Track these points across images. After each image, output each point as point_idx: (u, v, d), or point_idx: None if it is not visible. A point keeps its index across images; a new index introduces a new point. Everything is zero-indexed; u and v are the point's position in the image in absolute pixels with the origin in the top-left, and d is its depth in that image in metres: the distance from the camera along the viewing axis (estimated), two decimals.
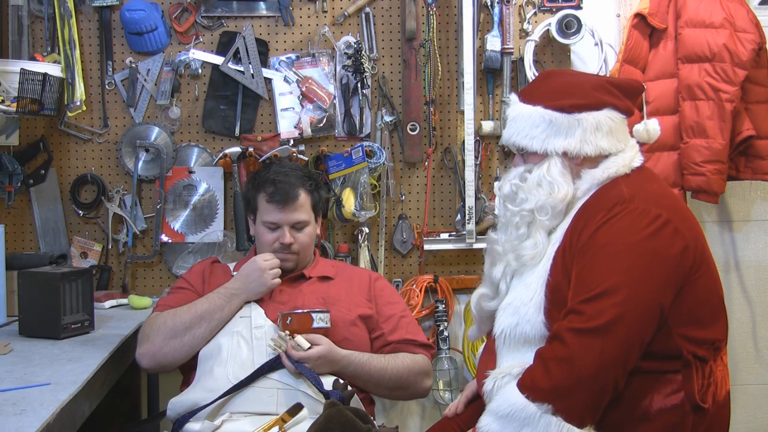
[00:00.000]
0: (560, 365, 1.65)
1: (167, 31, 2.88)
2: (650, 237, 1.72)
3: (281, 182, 2.36)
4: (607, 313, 1.65)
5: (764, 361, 3.20)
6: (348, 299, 2.34)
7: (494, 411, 1.71)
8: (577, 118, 1.86)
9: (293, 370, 2.09)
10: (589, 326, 1.65)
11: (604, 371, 1.65)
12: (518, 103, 1.95)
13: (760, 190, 3.16)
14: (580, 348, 1.65)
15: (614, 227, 1.74)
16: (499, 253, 1.92)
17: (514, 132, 1.92)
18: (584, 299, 1.68)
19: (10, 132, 2.77)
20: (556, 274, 1.80)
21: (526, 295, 1.82)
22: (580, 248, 1.76)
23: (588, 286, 1.69)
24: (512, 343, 1.82)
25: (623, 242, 1.72)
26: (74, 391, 1.84)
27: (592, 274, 1.71)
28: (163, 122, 2.90)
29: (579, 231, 1.78)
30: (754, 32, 2.78)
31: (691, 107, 2.78)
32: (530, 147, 1.89)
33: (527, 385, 1.68)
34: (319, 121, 2.89)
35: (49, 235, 2.88)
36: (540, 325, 1.78)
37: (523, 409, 1.66)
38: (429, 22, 2.86)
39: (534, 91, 1.95)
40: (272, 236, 2.36)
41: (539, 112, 1.88)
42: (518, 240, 1.87)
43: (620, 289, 1.67)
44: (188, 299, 2.31)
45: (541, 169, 1.87)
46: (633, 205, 1.76)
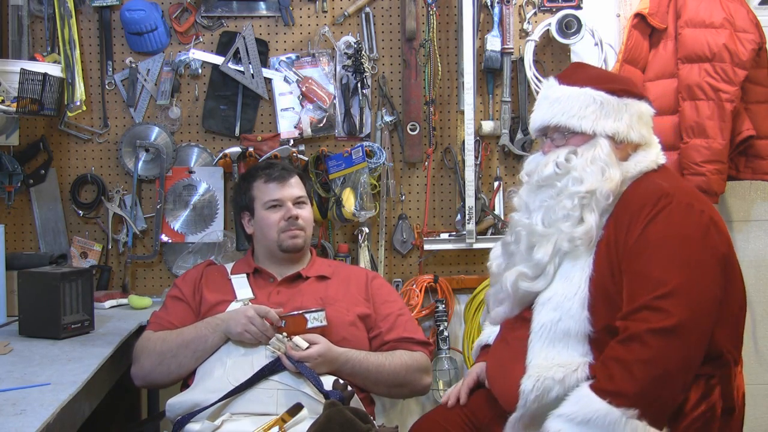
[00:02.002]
0: (645, 368, 1.62)
1: (167, 31, 2.88)
2: (704, 232, 1.73)
3: (276, 164, 2.47)
4: (683, 311, 1.63)
5: (764, 361, 3.20)
6: (346, 299, 2.34)
7: (570, 416, 1.65)
8: (625, 103, 1.88)
9: (294, 370, 2.10)
10: (667, 325, 1.62)
11: (686, 372, 1.65)
12: (559, 86, 1.92)
13: (760, 190, 3.16)
14: (663, 349, 1.62)
15: (667, 221, 1.72)
16: (539, 234, 1.84)
17: (559, 112, 1.88)
18: (656, 297, 1.65)
19: (10, 132, 2.77)
20: (600, 268, 1.77)
21: (569, 289, 1.78)
22: (633, 244, 1.73)
23: (654, 283, 1.66)
24: (551, 338, 1.78)
25: (680, 236, 1.71)
26: (74, 391, 1.84)
27: (656, 270, 1.68)
28: (163, 122, 2.90)
29: (625, 225, 1.76)
30: (754, 32, 2.78)
31: (691, 107, 2.78)
32: (579, 127, 1.86)
33: (609, 391, 1.63)
34: (319, 121, 2.89)
35: (49, 235, 2.88)
36: (584, 321, 1.75)
37: (606, 415, 1.61)
38: (429, 22, 2.86)
39: (575, 75, 1.95)
40: (277, 215, 2.37)
41: (589, 92, 1.87)
42: (570, 222, 1.81)
43: (689, 285, 1.66)
44: (180, 313, 2.33)
45: (593, 150, 1.84)
46: (677, 199, 1.76)
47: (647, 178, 1.84)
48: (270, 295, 2.32)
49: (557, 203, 1.84)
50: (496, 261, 2.03)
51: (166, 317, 2.34)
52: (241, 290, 2.33)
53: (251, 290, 2.33)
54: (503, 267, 1.98)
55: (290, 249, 2.37)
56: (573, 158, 1.85)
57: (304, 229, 2.39)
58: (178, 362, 2.21)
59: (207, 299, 2.33)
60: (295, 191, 2.41)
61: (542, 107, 1.93)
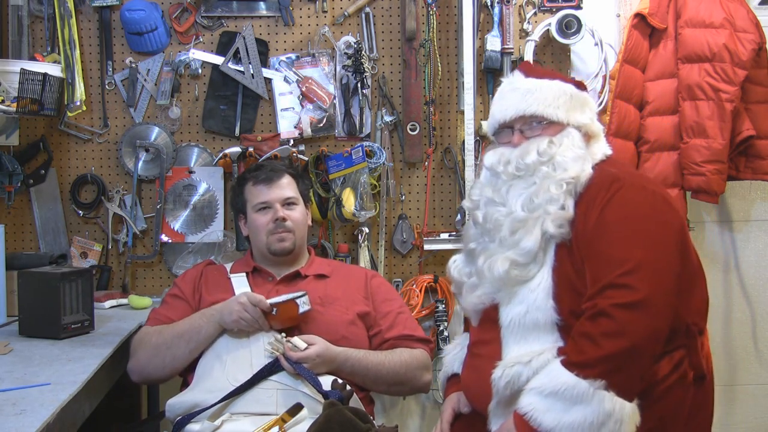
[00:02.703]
0: (613, 340, 1.64)
1: (167, 31, 2.88)
2: (658, 209, 1.78)
3: (265, 166, 2.47)
4: (647, 285, 1.66)
5: (764, 361, 3.20)
6: (345, 298, 2.34)
7: (539, 389, 1.68)
8: (585, 96, 1.96)
9: (293, 371, 2.10)
10: (633, 300, 1.65)
11: (653, 342, 1.67)
12: (528, 79, 1.95)
13: (760, 190, 3.16)
14: (630, 322, 1.64)
15: (622, 203, 1.76)
16: (520, 219, 1.84)
17: (534, 102, 1.90)
18: (620, 274, 1.68)
19: (10, 132, 2.77)
20: (560, 257, 1.80)
21: (533, 281, 1.80)
22: (591, 229, 1.76)
23: (617, 262, 1.69)
24: (520, 331, 1.80)
25: (636, 215, 1.75)
26: (74, 391, 1.84)
27: (617, 249, 1.71)
28: (163, 122, 2.90)
29: (582, 213, 1.79)
30: (754, 32, 2.78)
31: (691, 107, 2.78)
32: (555, 116, 1.89)
33: (576, 362, 1.66)
34: (319, 121, 2.89)
35: (49, 235, 2.88)
36: (550, 311, 1.77)
37: (574, 386, 1.64)
38: (429, 22, 2.86)
39: (535, 70, 1.99)
40: (265, 218, 2.37)
41: (560, 85, 1.93)
42: (556, 207, 1.81)
43: (651, 260, 1.69)
44: (179, 310, 2.33)
45: (570, 138, 1.87)
46: (628, 181, 1.81)
47: (599, 168, 1.88)
48: (269, 293, 2.32)
49: (540, 189, 1.84)
50: (461, 272, 2.01)
51: (164, 313, 2.34)
52: (240, 289, 2.33)
53: (250, 289, 2.33)
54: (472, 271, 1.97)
55: (278, 252, 2.37)
56: (553, 146, 1.87)
57: (292, 231, 2.37)
58: (173, 354, 2.21)
59: (206, 298, 2.33)
60: (284, 192, 2.39)
61: (513, 98, 1.93)
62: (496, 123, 1.98)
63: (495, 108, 1.98)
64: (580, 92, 1.95)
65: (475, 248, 1.95)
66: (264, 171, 2.42)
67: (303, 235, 2.43)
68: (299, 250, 2.42)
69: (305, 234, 2.46)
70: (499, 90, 2.02)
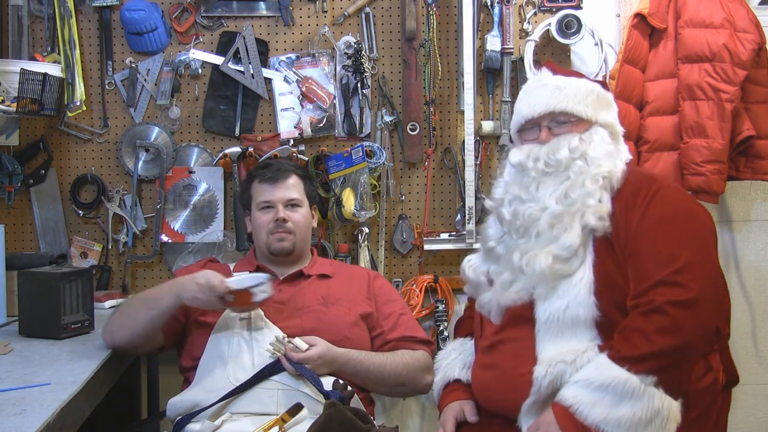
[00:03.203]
0: (666, 336, 1.63)
1: (167, 31, 2.88)
2: (697, 210, 1.82)
3: (272, 165, 2.47)
4: (698, 284, 1.66)
5: (764, 361, 3.20)
6: (348, 298, 2.34)
7: (586, 382, 1.65)
8: (610, 97, 1.97)
9: (294, 372, 2.10)
10: (687, 298, 1.64)
11: (703, 341, 1.68)
12: (556, 76, 1.96)
13: (760, 190, 3.16)
14: (683, 319, 1.64)
15: (665, 202, 1.78)
16: (557, 214, 1.82)
17: (564, 98, 1.90)
18: (672, 271, 1.67)
19: (10, 132, 2.77)
20: (600, 253, 1.78)
21: (574, 276, 1.78)
22: (635, 227, 1.76)
23: (666, 259, 1.69)
24: (558, 327, 1.77)
25: (680, 214, 1.77)
26: (74, 391, 1.84)
27: (665, 246, 1.71)
28: (163, 122, 2.90)
29: (622, 211, 1.78)
30: (754, 32, 2.78)
31: (691, 107, 2.77)
32: (584, 113, 1.89)
33: (628, 357, 1.64)
34: (319, 121, 2.89)
35: (49, 235, 2.88)
36: (591, 307, 1.75)
37: (626, 381, 1.62)
38: (429, 22, 2.86)
39: (562, 69, 2.01)
40: (267, 217, 2.37)
41: (587, 83, 1.94)
42: (594, 201, 1.80)
43: (699, 259, 1.70)
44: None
45: (599, 135, 1.88)
46: (666, 182, 1.84)
47: (630, 167, 1.89)
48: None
49: (575, 184, 1.83)
50: (477, 271, 1.99)
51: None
52: None
53: None
54: (494, 270, 1.93)
55: (277, 252, 2.37)
56: (584, 143, 1.87)
57: (293, 232, 2.37)
58: (134, 317, 2.19)
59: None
60: (288, 193, 2.39)
61: (542, 94, 1.92)
62: (522, 119, 1.96)
63: (522, 104, 1.97)
64: (605, 92, 1.96)
65: (495, 246, 1.93)
66: (270, 170, 2.42)
67: (304, 237, 2.43)
68: (300, 251, 2.42)
69: (307, 235, 2.45)
70: (524, 87, 2.02)
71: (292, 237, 2.37)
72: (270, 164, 2.48)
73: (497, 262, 1.93)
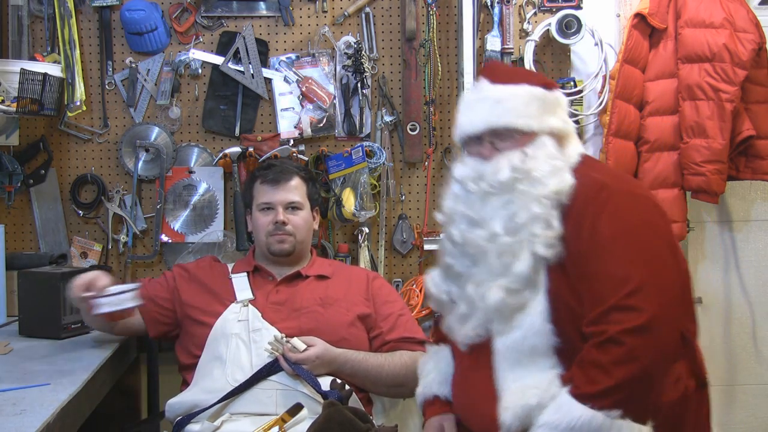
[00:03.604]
0: (624, 366, 1.58)
1: (167, 31, 2.88)
2: (651, 219, 1.71)
3: (275, 166, 2.45)
4: (652, 306, 1.59)
5: (764, 361, 3.19)
6: (346, 299, 2.34)
7: (553, 425, 1.61)
8: (555, 96, 1.84)
9: (292, 372, 2.10)
10: (641, 323, 1.58)
11: (664, 363, 1.62)
12: (493, 85, 1.82)
13: (760, 190, 3.16)
14: (640, 347, 1.58)
15: (614, 216, 1.68)
16: (506, 244, 1.73)
17: (505, 112, 1.77)
18: (624, 295, 1.61)
19: (10, 132, 2.77)
20: (554, 278, 1.72)
21: (529, 306, 1.72)
22: (585, 246, 1.68)
23: (619, 281, 1.62)
24: (517, 358, 1.72)
25: (631, 229, 1.67)
26: (74, 391, 1.84)
27: (617, 267, 1.64)
28: (163, 122, 2.90)
29: (573, 229, 1.70)
30: (754, 32, 2.78)
31: (691, 107, 2.78)
32: (526, 127, 1.77)
33: (589, 394, 1.59)
34: (319, 121, 2.89)
35: (49, 235, 2.88)
36: (549, 335, 1.69)
37: (590, 419, 1.57)
38: (429, 22, 2.86)
39: (503, 73, 1.87)
40: (267, 218, 2.37)
41: (528, 90, 1.79)
42: (542, 225, 1.71)
43: (653, 278, 1.62)
44: (156, 290, 2.36)
45: (542, 150, 1.76)
46: (615, 187, 1.72)
47: (579, 173, 1.76)
48: (269, 294, 2.33)
49: (520, 209, 1.73)
50: (439, 288, 1.89)
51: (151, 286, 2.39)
52: (241, 291, 2.33)
53: (251, 290, 2.33)
54: (455, 293, 1.84)
55: (277, 253, 2.37)
56: (527, 160, 1.75)
57: (293, 235, 2.37)
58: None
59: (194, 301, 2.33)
60: (288, 196, 2.38)
61: (483, 108, 1.80)
62: (464, 135, 1.84)
63: (463, 119, 1.85)
64: (550, 93, 1.82)
65: (453, 265, 1.84)
66: (273, 171, 2.42)
67: (304, 239, 2.42)
68: (300, 253, 2.42)
69: (307, 237, 2.44)
70: (464, 99, 1.90)
71: (291, 239, 2.37)
72: (273, 165, 2.47)
73: (456, 282, 1.84)
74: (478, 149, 1.82)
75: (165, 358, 2.74)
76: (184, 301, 2.32)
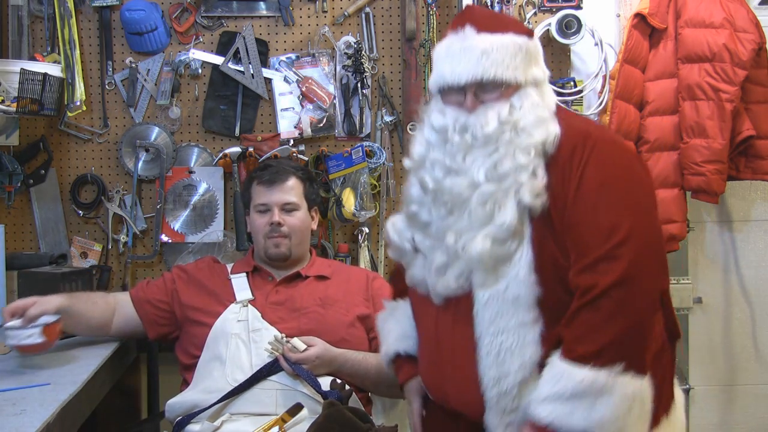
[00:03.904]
0: (618, 321, 1.56)
1: (167, 31, 2.88)
2: (634, 167, 1.70)
3: (272, 166, 2.44)
4: (640, 254, 1.58)
5: (764, 361, 3.19)
6: (346, 300, 2.34)
7: (556, 395, 1.56)
8: (535, 44, 1.78)
9: (291, 372, 2.10)
10: (630, 273, 1.56)
11: (654, 311, 1.61)
12: (479, 35, 1.71)
13: (760, 190, 3.16)
14: (630, 297, 1.56)
15: (601, 164, 1.65)
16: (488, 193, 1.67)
17: (492, 65, 1.68)
18: (613, 246, 1.58)
19: (10, 132, 2.77)
20: (539, 229, 1.66)
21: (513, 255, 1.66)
22: (573, 195, 1.64)
23: (607, 231, 1.60)
24: (498, 307, 1.65)
25: (618, 177, 1.65)
26: (74, 391, 1.84)
27: (604, 216, 1.61)
28: (163, 122, 2.90)
29: (559, 181, 1.66)
30: (754, 32, 2.78)
31: (691, 107, 2.78)
32: (513, 79, 1.70)
33: (588, 354, 1.56)
34: (319, 121, 2.89)
35: (49, 235, 2.88)
36: (533, 285, 1.64)
37: (594, 381, 1.54)
38: (429, 22, 2.86)
39: (487, 20, 1.76)
40: (263, 220, 2.37)
41: (513, 39, 1.72)
42: (527, 175, 1.65)
43: (640, 226, 1.61)
44: (153, 293, 2.36)
45: (527, 100, 1.70)
46: (599, 136, 1.69)
47: (562, 122, 1.72)
48: (269, 294, 2.32)
49: (504, 158, 1.67)
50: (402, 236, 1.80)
51: (148, 288, 2.39)
52: (240, 292, 2.33)
53: (250, 291, 2.33)
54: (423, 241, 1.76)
55: (273, 256, 2.37)
56: (514, 111, 1.69)
57: (288, 236, 2.36)
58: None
59: (194, 302, 2.33)
60: (284, 196, 2.37)
61: (468, 60, 1.70)
62: (445, 84, 1.74)
63: (445, 68, 1.73)
64: (531, 42, 1.75)
65: (419, 213, 1.76)
66: (268, 172, 2.41)
67: (301, 241, 2.41)
68: (297, 255, 2.41)
69: (304, 239, 2.43)
70: (447, 45, 1.75)
71: (287, 241, 2.37)
72: (270, 165, 2.46)
73: (423, 231, 1.77)
74: (459, 99, 1.74)
75: (165, 358, 2.74)
76: (184, 303, 2.32)
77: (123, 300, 2.35)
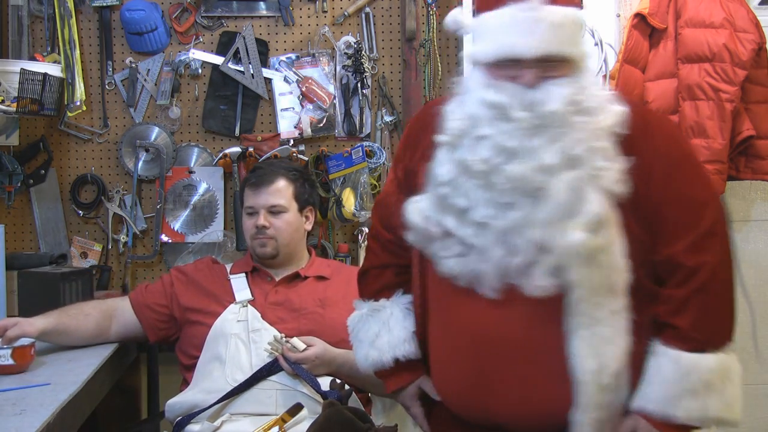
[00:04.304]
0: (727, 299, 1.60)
1: (167, 31, 2.88)
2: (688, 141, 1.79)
3: (262, 168, 2.43)
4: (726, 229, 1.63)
5: (764, 361, 3.19)
6: (345, 300, 2.33)
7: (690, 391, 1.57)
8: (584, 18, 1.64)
9: (291, 372, 2.10)
10: (726, 249, 1.60)
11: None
12: (551, 6, 1.55)
13: (760, 190, 3.16)
14: (730, 274, 1.61)
15: (672, 139, 1.65)
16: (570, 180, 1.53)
17: (564, 40, 1.56)
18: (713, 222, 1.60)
19: (10, 132, 2.77)
20: (622, 210, 1.58)
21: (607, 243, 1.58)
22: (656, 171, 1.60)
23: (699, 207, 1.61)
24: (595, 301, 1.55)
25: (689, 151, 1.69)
26: (74, 391, 1.84)
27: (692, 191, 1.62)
28: (163, 122, 2.90)
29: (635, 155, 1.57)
30: (754, 32, 2.77)
31: (691, 107, 2.77)
32: (579, 56, 1.59)
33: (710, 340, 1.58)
34: (319, 121, 2.89)
35: (49, 235, 2.88)
36: (625, 272, 1.57)
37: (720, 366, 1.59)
38: (429, 22, 2.86)
39: None
40: (250, 222, 2.37)
41: (575, 13, 1.59)
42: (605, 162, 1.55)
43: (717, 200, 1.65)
44: (153, 297, 2.35)
45: (589, 79, 1.62)
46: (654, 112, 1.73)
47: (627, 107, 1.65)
48: (268, 294, 2.32)
49: (576, 140, 1.54)
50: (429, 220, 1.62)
51: (147, 292, 2.38)
52: (240, 292, 2.33)
53: (250, 291, 2.33)
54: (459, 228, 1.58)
55: (260, 256, 2.37)
56: (580, 90, 1.57)
57: (274, 238, 2.35)
58: None
59: (193, 303, 2.33)
60: (270, 199, 2.36)
61: (540, 32, 1.53)
62: (512, 56, 1.55)
63: (510, 38, 1.54)
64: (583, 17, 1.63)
65: (451, 196, 1.58)
66: (256, 174, 2.41)
67: (289, 242, 2.38)
68: (286, 256, 2.39)
69: (293, 240, 2.40)
70: (510, 15, 1.55)
71: (273, 242, 2.36)
72: (259, 168, 2.45)
73: (459, 218, 1.58)
74: (514, 73, 1.56)
75: (165, 358, 2.73)
76: (183, 305, 2.32)
77: (122, 306, 2.34)
